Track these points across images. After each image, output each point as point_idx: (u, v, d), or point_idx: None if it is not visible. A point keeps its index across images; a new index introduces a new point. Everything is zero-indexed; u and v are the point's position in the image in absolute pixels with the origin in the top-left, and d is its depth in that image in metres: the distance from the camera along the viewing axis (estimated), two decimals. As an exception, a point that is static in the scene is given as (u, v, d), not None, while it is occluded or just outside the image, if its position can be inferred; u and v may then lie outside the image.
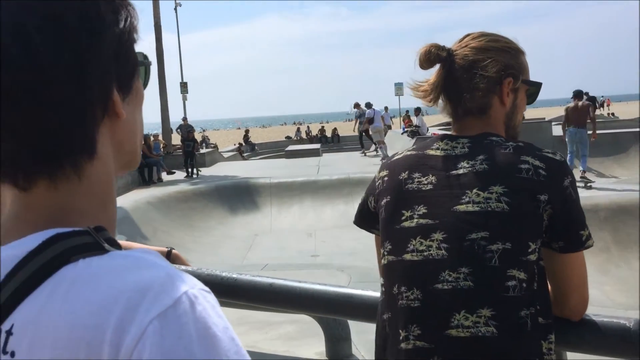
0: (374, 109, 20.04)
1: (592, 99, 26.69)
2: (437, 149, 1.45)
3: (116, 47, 0.66)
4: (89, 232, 0.61)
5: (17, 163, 0.61)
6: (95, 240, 0.61)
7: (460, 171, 1.37)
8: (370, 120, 19.75)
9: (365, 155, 21.84)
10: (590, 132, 13.88)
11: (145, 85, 0.77)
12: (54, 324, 0.55)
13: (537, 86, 1.55)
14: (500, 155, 1.36)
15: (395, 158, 1.52)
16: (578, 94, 13.81)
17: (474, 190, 1.33)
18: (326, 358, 4.76)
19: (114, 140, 0.68)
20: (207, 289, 0.59)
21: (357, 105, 22.57)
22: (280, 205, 15.08)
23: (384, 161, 1.58)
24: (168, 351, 0.52)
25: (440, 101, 1.50)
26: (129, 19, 0.68)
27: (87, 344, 0.54)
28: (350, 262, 9.18)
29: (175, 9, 28.99)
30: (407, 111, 25.27)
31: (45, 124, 0.60)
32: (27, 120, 0.60)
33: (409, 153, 1.50)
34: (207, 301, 0.57)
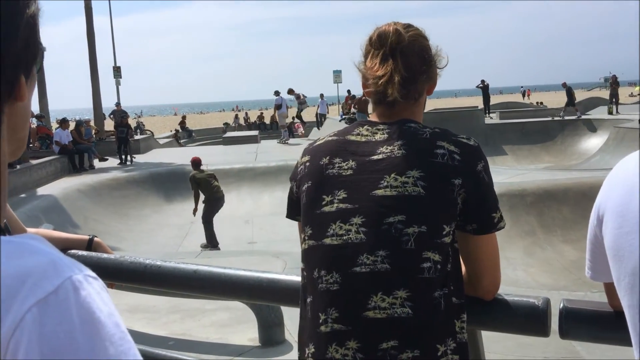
0: (281, 97, 22.98)
1: (485, 87, 28.47)
2: (358, 134, 1.46)
3: (27, 31, 0.66)
4: None
5: None
6: None
7: (380, 156, 1.39)
8: (279, 107, 22.80)
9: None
10: None
11: (38, 70, 0.76)
12: None
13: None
14: (417, 140, 1.39)
15: (317, 144, 1.53)
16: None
17: (392, 175, 1.35)
18: (259, 344, 4.79)
19: (9, 124, 0.67)
20: (93, 274, 0.58)
21: (290, 91, 24.61)
22: (217, 192, 14.91)
23: (306, 147, 1.58)
24: (48, 338, 0.51)
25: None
26: (35, 3, 0.68)
27: None
28: (287, 248, 9.19)
29: (108, -10, 27.99)
30: (349, 91, 25.98)
31: None
32: None
33: (330, 139, 1.51)
34: (92, 287, 0.56)
